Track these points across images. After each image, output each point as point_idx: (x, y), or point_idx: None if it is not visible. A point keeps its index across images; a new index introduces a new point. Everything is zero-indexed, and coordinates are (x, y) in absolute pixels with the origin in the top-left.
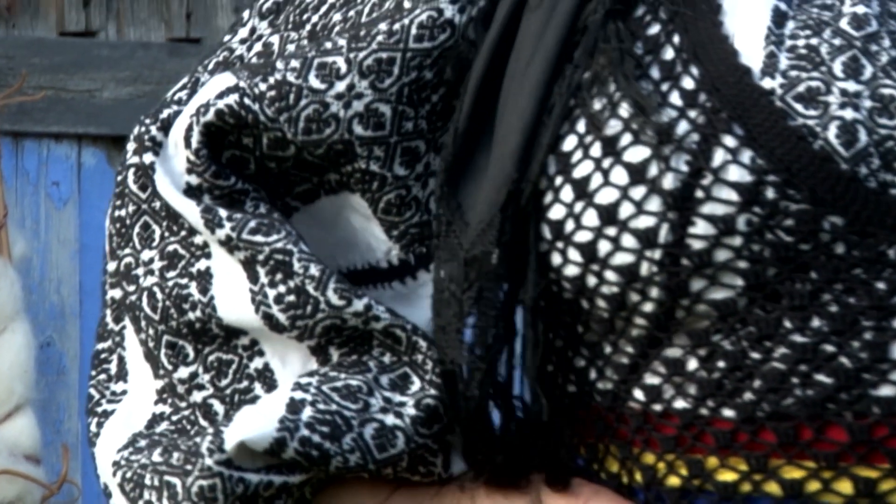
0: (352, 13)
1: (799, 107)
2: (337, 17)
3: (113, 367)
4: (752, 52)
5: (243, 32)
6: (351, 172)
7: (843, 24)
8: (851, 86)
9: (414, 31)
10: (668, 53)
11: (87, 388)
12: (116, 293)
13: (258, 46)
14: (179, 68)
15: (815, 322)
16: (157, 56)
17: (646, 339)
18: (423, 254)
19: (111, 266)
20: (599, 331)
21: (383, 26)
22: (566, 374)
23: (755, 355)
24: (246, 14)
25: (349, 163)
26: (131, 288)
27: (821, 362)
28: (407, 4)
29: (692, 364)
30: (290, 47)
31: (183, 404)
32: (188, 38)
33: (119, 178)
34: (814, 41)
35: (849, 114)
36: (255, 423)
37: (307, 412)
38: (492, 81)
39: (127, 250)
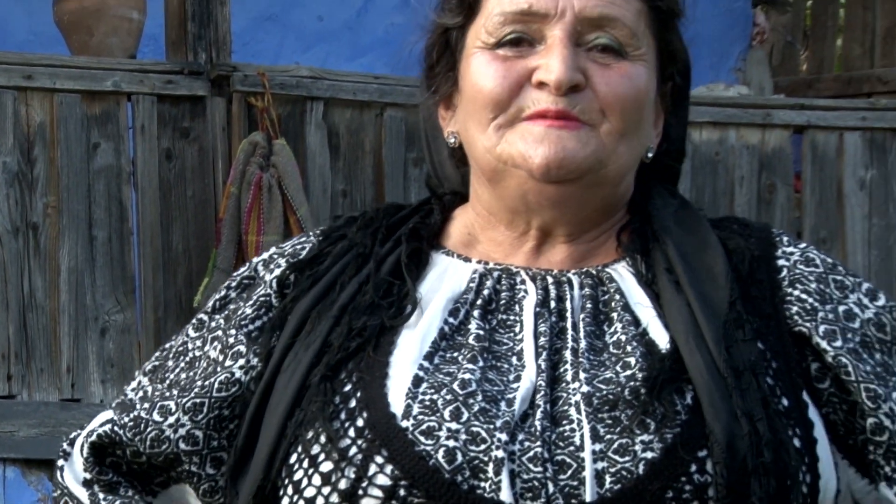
0: (191, 372)
1: (422, 438)
2: (183, 375)
3: None
4: (397, 403)
5: (133, 384)
6: (181, 472)
7: (455, 385)
8: (454, 425)
9: (217, 385)
10: (353, 403)
11: None
12: None
13: (140, 392)
14: (67, 416)
15: None
16: (53, 410)
17: None
18: None
19: None
20: None
21: (200, 382)
22: None
23: None
24: (137, 373)
25: (179, 466)
26: None
27: None
28: (222, 359)
29: None
30: (157, 394)
31: None
32: (73, 399)
33: (57, 472)
34: (435, 396)
35: (451, 443)
36: None
37: None
38: (258, 416)
39: None
